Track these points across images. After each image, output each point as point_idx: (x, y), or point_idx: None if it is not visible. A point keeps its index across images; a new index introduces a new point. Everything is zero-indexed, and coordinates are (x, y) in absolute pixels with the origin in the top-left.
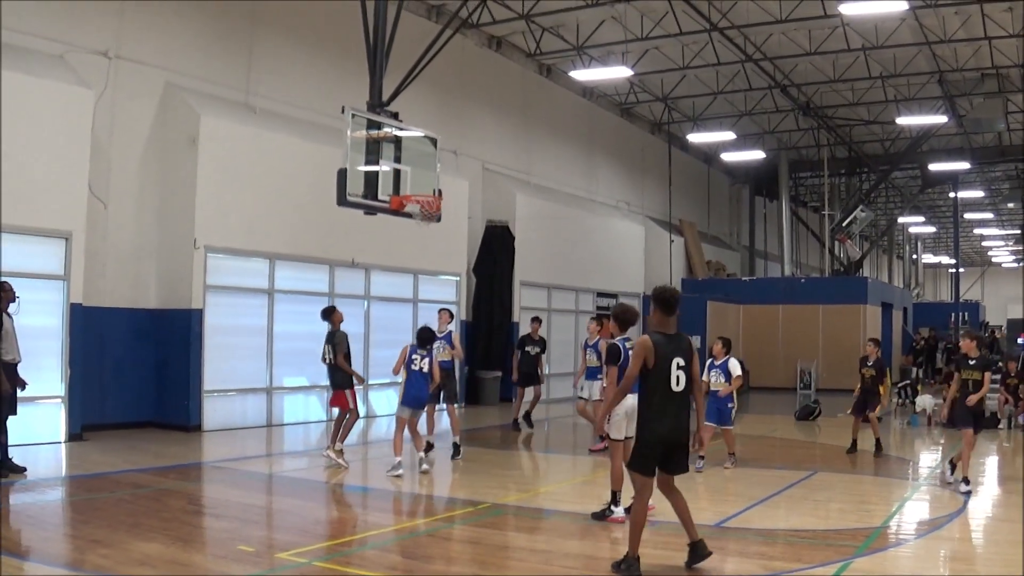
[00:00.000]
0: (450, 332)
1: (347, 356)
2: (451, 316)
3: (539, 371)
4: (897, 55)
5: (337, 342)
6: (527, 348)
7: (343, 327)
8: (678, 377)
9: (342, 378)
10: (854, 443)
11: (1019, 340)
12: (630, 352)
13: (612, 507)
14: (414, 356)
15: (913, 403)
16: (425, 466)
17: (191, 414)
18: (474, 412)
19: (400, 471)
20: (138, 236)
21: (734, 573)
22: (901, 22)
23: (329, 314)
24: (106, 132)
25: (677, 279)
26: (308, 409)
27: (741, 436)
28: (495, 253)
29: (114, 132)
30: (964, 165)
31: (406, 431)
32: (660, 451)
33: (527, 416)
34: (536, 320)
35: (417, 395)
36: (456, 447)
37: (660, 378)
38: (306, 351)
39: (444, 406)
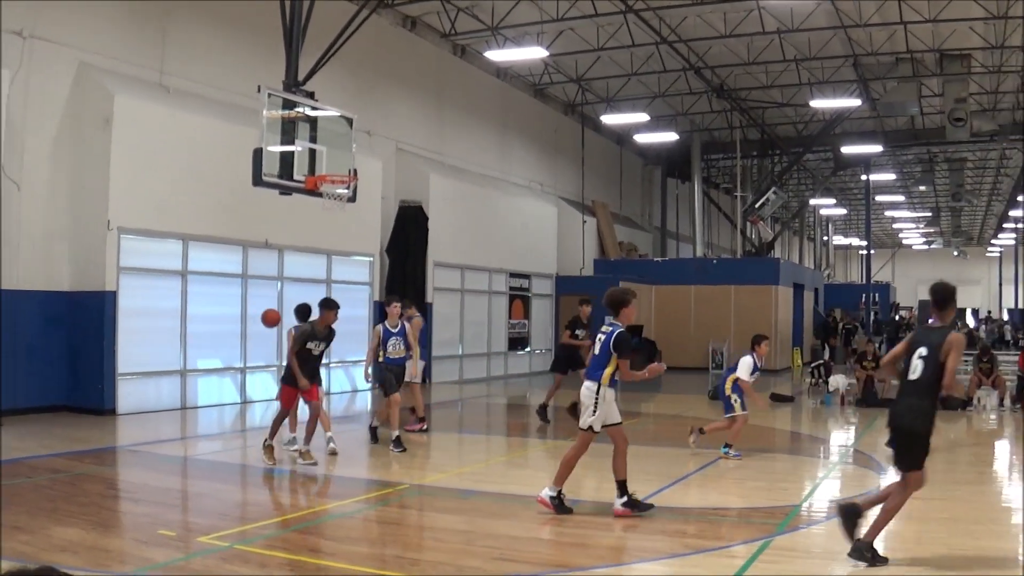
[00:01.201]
0: (403, 326)
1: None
2: (402, 308)
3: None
4: (812, 39)
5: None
6: (577, 331)
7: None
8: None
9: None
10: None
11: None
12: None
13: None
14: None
15: (826, 383)
16: (296, 447)
17: (105, 398)
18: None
19: (295, 447)
20: (51, 218)
21: (657, 552)
22: (817, 6)
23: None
24: (19, 112)
25: (589, 260)
26: (222, 391)
27: (654, 416)
28: (408, 233)
29: (27, 112)
30: (876, 148)
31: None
32: None
33: (573, 406)
34: (585, 302)
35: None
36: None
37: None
38: (220, 333)
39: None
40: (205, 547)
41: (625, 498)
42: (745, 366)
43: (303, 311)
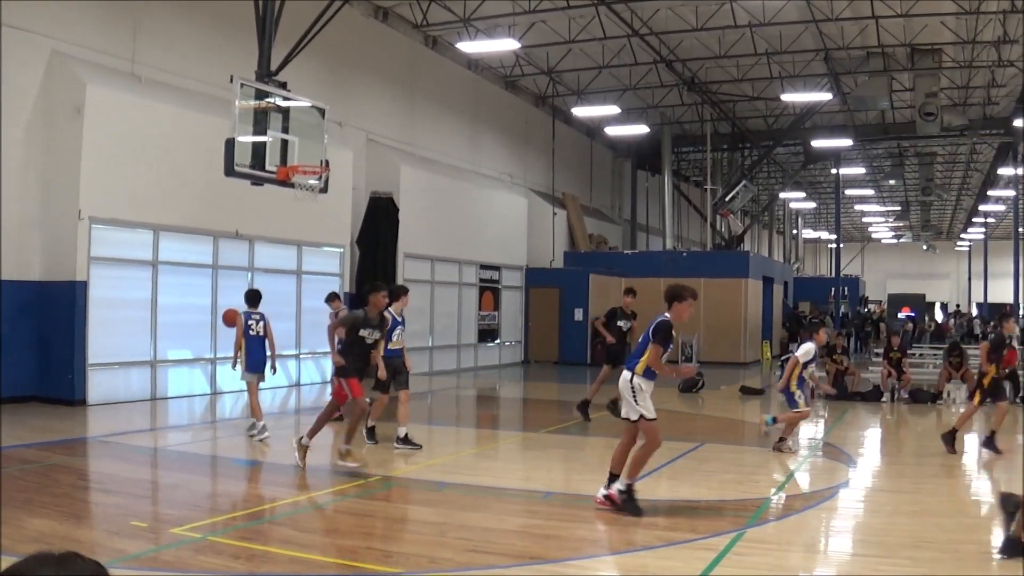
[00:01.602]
0: (402, 317)
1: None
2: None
3: (626, 349)
4: (783, 32)
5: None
6: (619, 323)
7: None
8: None
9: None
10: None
11: (900, 315)
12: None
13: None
14: (249, 321)
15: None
16: (265, 435)
17: (75, 388)
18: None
19: (265, 434)
20: (22, 207)
21: (631, 544)
22: (788, 1)
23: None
24: None
25: (559, 252)
26: (192, 382)
27: None
28: (379, 225)
29: None
30: (847, 142)
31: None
32: None
33: (612, 403)
34: (630, 292)
35: (259, 359)
36: (403, 439)
37: None
38: (190, 323)
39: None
40: (177, 538)
41: (618, 490)
42: (806, 352)
43: (252, 296)
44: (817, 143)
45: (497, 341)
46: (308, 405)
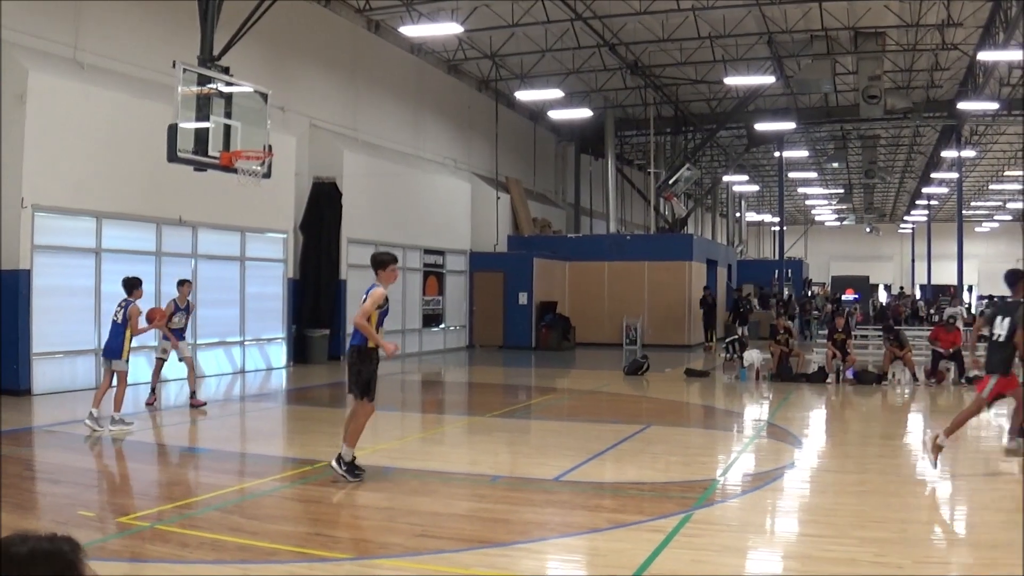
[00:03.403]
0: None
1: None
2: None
3: None
4: (727, 16)
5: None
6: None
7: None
8: None
9: None
10: None
11: (845, 296)
12: None
13: None
14: (116, 308)
15: (741, 358)
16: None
17: (20, 377)
18: (303, 371)
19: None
20: None
21: (578, 526)
22: None
23: None
24: None
25: (503, 236)
26: (137, 370)
27: (570, 392)
28: (322, 210)
29: None
30: (790, 125)
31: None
32: None
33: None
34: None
35: (111, 346)
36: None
37: None
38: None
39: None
40: (125, 528)
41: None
42: None
43: (130, 283)
44: (760, 126)
45: (442, 326)
46: (252, 392)
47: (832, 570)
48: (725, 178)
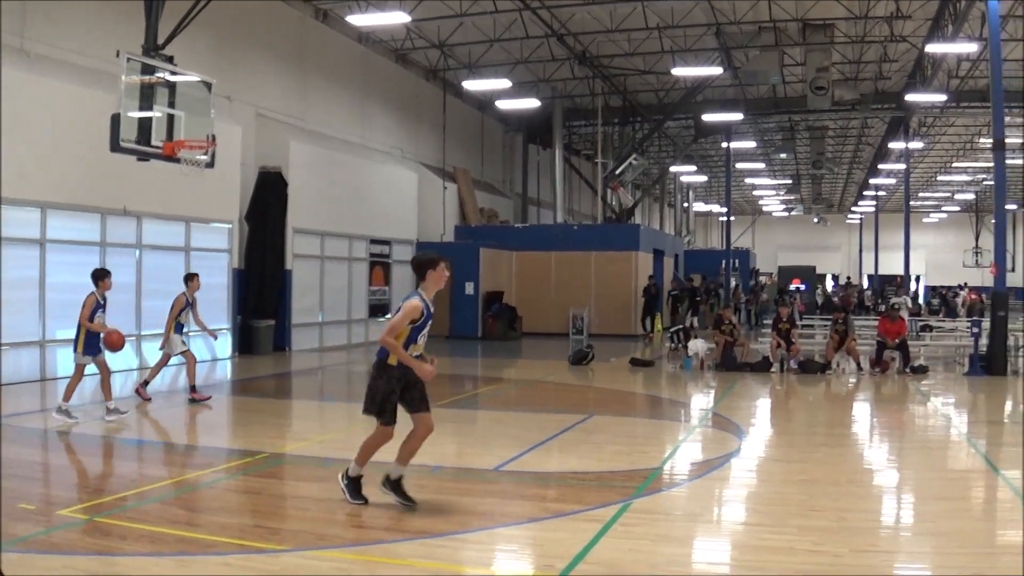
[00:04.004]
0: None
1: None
2: None
3: None
4: (675, 7)
5: None
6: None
7: None
8: None
9: None
10: None
11: (791, 287)
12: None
13: None
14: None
15: (686, 348)
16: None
17: None
18: (248, 362)
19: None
20: None
21: (518, 516)
22: None
23: None
24: None
25: (450, 226)
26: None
27: (515, 381)
28: (268, 200)
29: None
30: (737, 116)
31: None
32: None
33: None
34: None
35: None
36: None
37: None
38: (79, 302)
39: None
40: (66, 520)
41: None
42: None
43: (95, 274)
44: (708, 117)
45: (388, 316)
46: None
47: (770, 559)
48: (673, 168)
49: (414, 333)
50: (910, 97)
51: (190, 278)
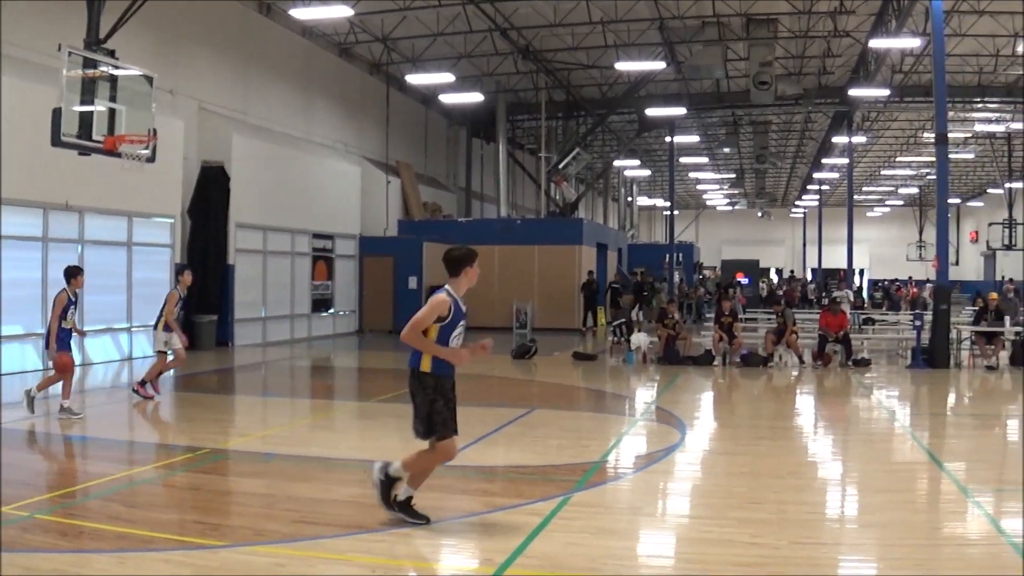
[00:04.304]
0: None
1: None
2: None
3: None
4: (618, 2)
5: None
6: None
7: None
8: None
9: None
10: None
11: (736, 280)
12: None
13: None
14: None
15: (628, 341)
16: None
17: None
18: (191, 357)
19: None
20: None
21: (458, 510)
22: None
23: None
24: None
25: (393, 220)
26: (24, 358)
27: (459, 376)
28: (210, 194)
29: None
30: (681, 111)
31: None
32: None
33: None
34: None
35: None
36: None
37: None
38: (20, 298)
39: None
40: (5, 518)
41: None
42: None
43: (67, 272)
44: (651, 111)
45: (331, 311)
46: (139, 379)
47: (708, 551)
48: (616, 163)
49: (444, 334)
50: (853, 92)
51: (182, 272)
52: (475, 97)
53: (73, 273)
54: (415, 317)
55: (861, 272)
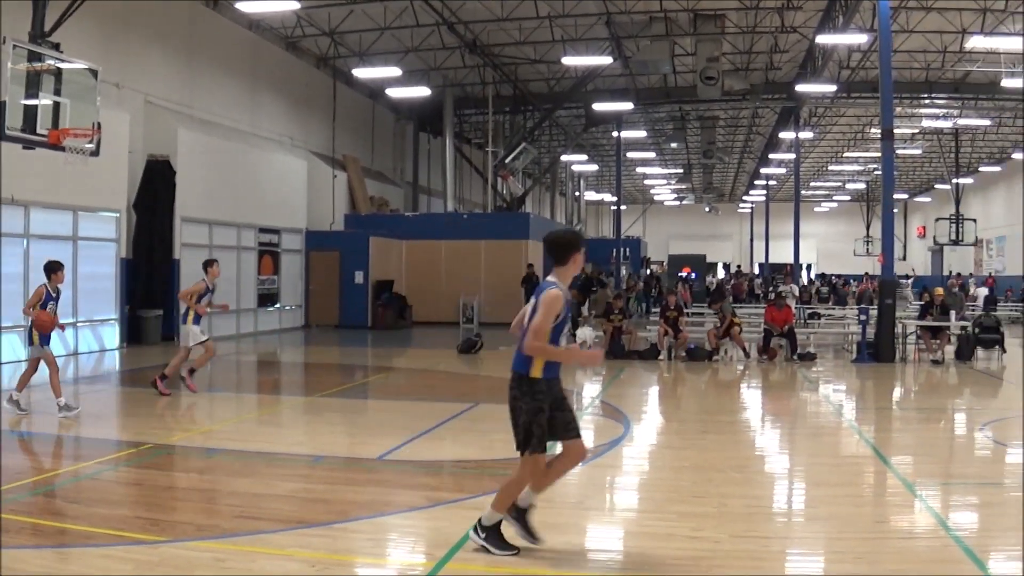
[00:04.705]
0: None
1: None
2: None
3: None
4: None
5: None
6: None
7: None
8: None
9: None
10: None
11: (681, 274)
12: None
13: None
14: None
15: (573, 336)
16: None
17: None
18: (137, 352)
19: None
20: None
21: (398, 505)
22: None
23: None
24: None
25: (340, 215)
26: None
27: (405, 371)
28: (156, 188)
29: None
30: (628, 106)
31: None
32: None
33: None
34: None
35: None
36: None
37: None
38: None
39: None
40: None
41: None
42: None
43: (48, 267)
44: (599, 106)
45: (277, 305)
46: (85, 374)
47: (649, 544)
48: (564, 157)
49: (556, 333)
50: (800, 87)
51: (211, 264)
52: (422, 91)
53: (54, 268)
54: (535, 324)
55: (808, 267)
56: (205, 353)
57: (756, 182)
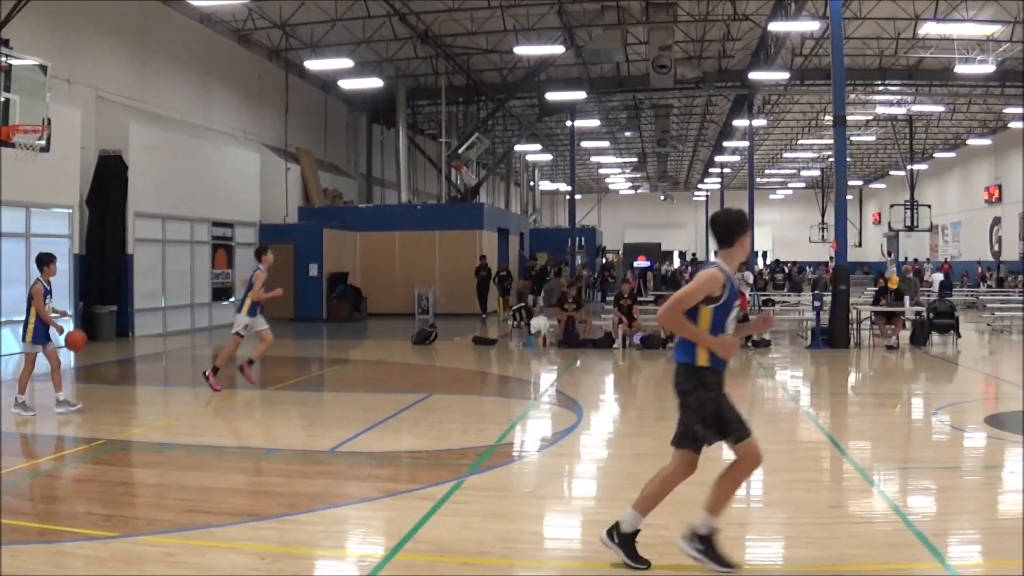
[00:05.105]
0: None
1: None
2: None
3: None
4: None
5: None
6: None
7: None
8: None
9: None
10: None
11: (636, 263)
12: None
13: None
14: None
15: (528, 326)
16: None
17: None
18: (90, 348)
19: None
20: None
21: (349, 497)
22: None
23: None
24: None
25: (293, 207)
26: None
27: (360, 363)
28: (108, 184)
29: None
30: (581, 95)
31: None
32: None
33: None
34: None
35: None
36: None
37: None
38: None
39: None
40: None
41: None
42: None
43: (40, 260)
44: (552, 96)
45: (231, 299)
46: (39, 371)
47: (598, 533)
48: (518, 147)
49: (719, 318)
50: (754, 75)
51: (263, 250)
52: (375, 83)
53: (46, 261)
54: (678, 294)
55: (764, 254)
56: (262, 343)
57: (711, 170)
